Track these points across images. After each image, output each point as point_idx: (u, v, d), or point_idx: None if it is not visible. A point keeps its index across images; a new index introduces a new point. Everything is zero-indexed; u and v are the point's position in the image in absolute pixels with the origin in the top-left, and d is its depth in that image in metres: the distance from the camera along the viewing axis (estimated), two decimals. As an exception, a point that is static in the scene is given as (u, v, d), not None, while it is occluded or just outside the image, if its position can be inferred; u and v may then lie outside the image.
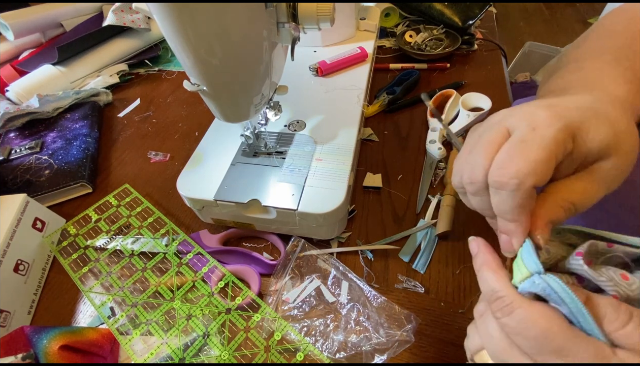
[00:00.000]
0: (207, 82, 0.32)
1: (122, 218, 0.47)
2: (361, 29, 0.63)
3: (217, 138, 0.47)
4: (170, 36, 0.28)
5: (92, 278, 0.42)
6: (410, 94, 0.64)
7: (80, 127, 0.61)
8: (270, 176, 0.41)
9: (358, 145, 0.47)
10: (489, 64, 0.69)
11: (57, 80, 0.69)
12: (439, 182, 0.48)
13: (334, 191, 0.38)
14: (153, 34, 0.80)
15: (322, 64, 0.54)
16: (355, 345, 0.34)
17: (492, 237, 0.25)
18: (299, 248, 0.42)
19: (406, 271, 0.40)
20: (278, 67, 0.39)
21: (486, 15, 0.81)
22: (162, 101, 0.70)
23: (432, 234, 0.43)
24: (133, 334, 0.36)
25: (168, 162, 0.57)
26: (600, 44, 0.31)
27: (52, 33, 0.83)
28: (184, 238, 0.44)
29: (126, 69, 0.77)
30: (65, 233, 0.47)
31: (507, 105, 0.59)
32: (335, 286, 0.39)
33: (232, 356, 0.35)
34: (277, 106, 0.42)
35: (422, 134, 0.55)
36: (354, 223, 0.45)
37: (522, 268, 0.20)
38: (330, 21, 0.32)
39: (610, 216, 0.36)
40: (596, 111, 0.21)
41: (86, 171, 0.53)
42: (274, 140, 0.45)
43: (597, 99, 0.22)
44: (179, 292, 0.39)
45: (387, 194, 0.48)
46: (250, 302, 0.38)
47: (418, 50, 0.70)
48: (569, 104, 0.21)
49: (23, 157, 0.56)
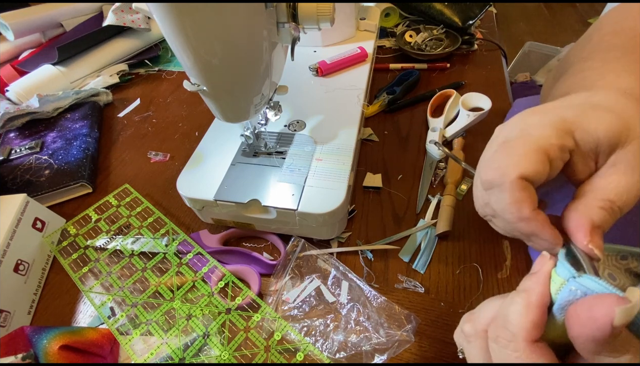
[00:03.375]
0: (207, 82, 0.32)
1: (122, 218, 0.47)
2: (361, 29, 0.63)
3: (217, 138, 0.47)
4: (170, 36, 0.28)
5: (92, 278, 0.42)
6: (410, 94, 0.64)
7: (80, 127, 0.61)
8: (270, 176, 0.41)
9: (358, 145, 0.47)
10: (489, 64, 0.69)
11: (57, 80, 0.69)
12: (439, 182, 0.48)
13: (334, 191, 0.38)
14: (153, 34, 0.80)
15: (322, 64, 0.54)
16: (355, 345, 0.34)
17: (492, 237, 0.25)
18: (299, 248, 0.42)
19: (406, 271, 0.40)
20: (278, 67, 0.39)
21: (486, 15, 0.81)
22: (162, 101, 0.70)
23: (432, 234, 0.43)
24: (133, 334, 0.36)
25: (168, 162, 0.57)
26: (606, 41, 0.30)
27: (52, 33, 0.83)
28: (184, 238, 0.44)
29: (126, 69, 0.77)
30: (65, 233, 0.47)
31: (507, 105, 0.59)
32: (335, 286, 0.39)
33: (232, 356, 0.35)
34: (277, 106, 0.42)
35: (422, 134, 0.55)
36: (354, 223, 0.45)
37: (555, 278, 0.18)
38: (330, 21, 0.32)
39: None
40: (592, 103, 0.21)
41: (86, 171, 0.53)
42: (274, 140, 0.45)
43: (594, 94, 0.22)
44: (179, 292, 0.39)
45: (387, 194, 0.48)
46: (250, 302, 0.38)
47: (418, 50, 0.70)
48: (562, 104, 0.21)
49: (23, 157, 0.56)
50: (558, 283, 0.18)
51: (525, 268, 0.39)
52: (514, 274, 0.38)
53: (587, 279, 0.17)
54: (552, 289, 0.18)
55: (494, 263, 0.40)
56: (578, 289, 0.17)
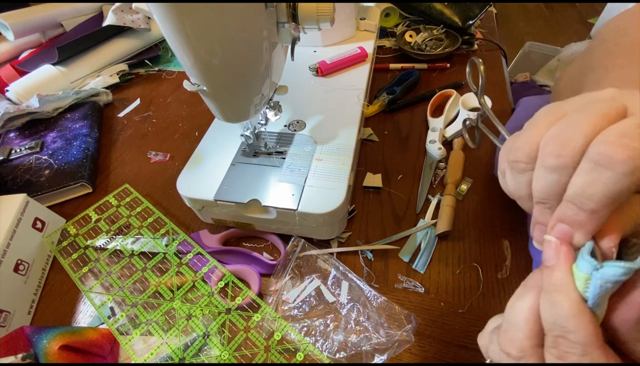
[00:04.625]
0: (207, 82, 0.32)
1: (122, 218, 0.47)
2: (361, 29, 0.63)
3: (217, 138, 0.47)
4: (170, 36, 0.28)
5: (92, 278, 0.42)
6: (410, 94, 0.64)
7: (80, 127, 0.61)
8: (270, 176, 0.41)
9: (358, 145, 0.47)
10: (489, 64, 0.68)
11: (57, 80, 0.69)
12: (439, 182, 0.48)
13: (334, 191, 0.38)
14: (153, 34, 0.80)
15: (322, 64, 0.54)
16: (355, 345, 0.34)
17: (492, 237, 0.24)
18: (299, 248, 0.42)
19: (406, 271, 0.40)
20: (278, 67, 0.39)
21: (486, 15, 0.81)
22: (162, 101, 0.70)
23: (432, 234, 0.43)
24: (133, 334, 0.37)
25: (168, 162, 0.57)
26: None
27: (52, 33, 0.83)
28: (184, 238, 0.44)
29: (126, 69, 0.77)
30: (65, 233, 0.47)
31: (507, 105, 0.59)
32: (335, 286, 0.39)
33: (232, 356, 0.35)
34: (277, 106, 0.42)
35: (422, 134, 0.55)
36: (354, 223, 0.45)
37: (577, 275, 0.17)
38: (330, 21, 0.32)
39: None
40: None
41: (86, 171, 0.53)
42: (274, 140, 0.45)
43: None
44: (179, 292, 0.40)
45: (387, 194, 0.48)
46: (250, 302, 0.38)
47: (418, 50, 0.70)
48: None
49: (23, 157, 0.56)
50: (582, 278, 0.17)
51: (525, 268, 0.39)
52: (514, 274, 0.38)
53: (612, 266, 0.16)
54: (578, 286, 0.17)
55: (494, 263, 0.40)
56: (608, 282, 0.16)
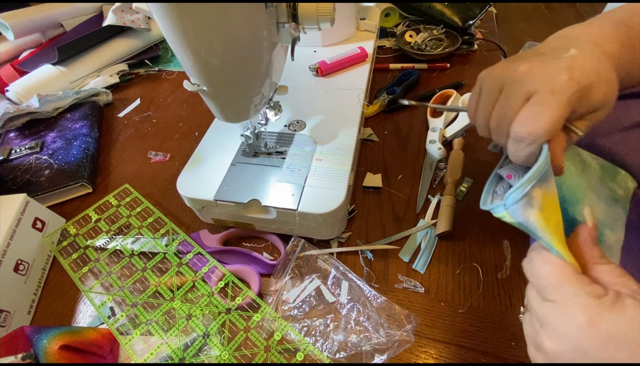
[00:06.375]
0: (207, 82, 0.32)
1: (122, 218, 0.47)
2: (361, 29, 0.63)
3: (217, 138, 0.47)
4: (170, 36, 0.28)
5: (92, 278, 0.42)
6: (410, 94, 0.64)
7: (80, 127, 0.61)
8: (270, 176, 0.41)
9: (358, 145, 0.47)
10: (489, 64, 0.68)
11: (57, 80, 0.69)
12: (439, 182, 0.48)
13: (334, 191, 0.38)
14: (153, 34, 0.80)
15: (322, 64, 0.54)
16: (355, 345, 0.34)
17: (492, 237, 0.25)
18: (299, 248, 0.42)
19: (406, 271, 0.40)
20: (278, 67, 0.39)
21: (486, 15, 0.81)
22: (162, 101, 0.70)
23: (432, 234, 0.43)
24: (133, 334, 0.36)
25: (168, 162, 0.57)
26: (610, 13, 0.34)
27: (52, 33, 0.83)
28: (184, 238, 0.44)
29: (126, 69, 0.77)
30: (65, 233, 0.47)
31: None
32: (335, 286, 0.39)
33: (232, 356, 0.35)
34: (277, 106, 0.42)
35: (422, 134, 0.55)
36: (354, 223, 0.45)
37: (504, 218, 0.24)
38: (330, 21, 0.32)
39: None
40: (599, 73, 0.24)
41: (86, 171, 0.53)
42: (274, 140, 0.45)
43: (600, 61, 0.25)
44: (179, 292, 0.39)
45: (387, 194, 0.48)
46: (250, 302, 0.38)
47: (418, 50, 0.70)
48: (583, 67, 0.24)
49: (23, 157, 0.56)
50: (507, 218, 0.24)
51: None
52: (514, 274, 0.38)
53: (509, 198, 0.23)
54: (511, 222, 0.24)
55: (494, 263, 0.40)
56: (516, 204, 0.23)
